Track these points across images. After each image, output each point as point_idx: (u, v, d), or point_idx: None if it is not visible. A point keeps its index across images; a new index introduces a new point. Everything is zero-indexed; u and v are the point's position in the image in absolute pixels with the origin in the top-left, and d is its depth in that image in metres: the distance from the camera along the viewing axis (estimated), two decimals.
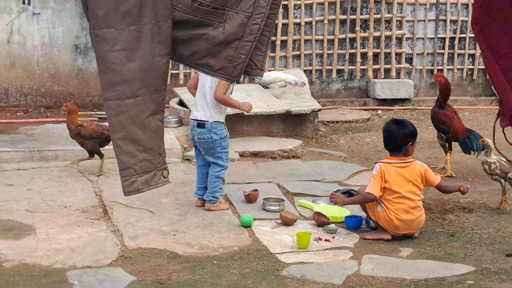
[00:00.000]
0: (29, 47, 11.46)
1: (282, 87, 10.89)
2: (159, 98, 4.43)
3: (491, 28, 4.72)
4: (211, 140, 7.16)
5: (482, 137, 8.36)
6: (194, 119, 7.22)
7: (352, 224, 6.99)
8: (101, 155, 8.15)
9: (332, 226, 6.93)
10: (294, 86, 10.79)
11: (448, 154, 8.84)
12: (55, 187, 7.83)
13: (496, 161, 7.80)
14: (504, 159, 7.54)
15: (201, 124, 7.17)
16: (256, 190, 7.58)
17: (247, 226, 6.94)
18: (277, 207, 7.32)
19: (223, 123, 7.26)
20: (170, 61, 4.50)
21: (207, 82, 7.11)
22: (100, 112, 10.57)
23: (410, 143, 6.72)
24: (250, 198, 7.49)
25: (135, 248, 6.42)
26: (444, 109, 8.86)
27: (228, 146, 7.33)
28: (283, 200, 7.49)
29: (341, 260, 6.30)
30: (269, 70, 11.71)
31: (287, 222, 7.01)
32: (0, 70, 11.43)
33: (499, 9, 4.65)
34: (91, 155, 8.26)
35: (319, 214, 7.08)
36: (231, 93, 7.29)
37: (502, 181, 7.62)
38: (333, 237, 6.76)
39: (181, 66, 11.51)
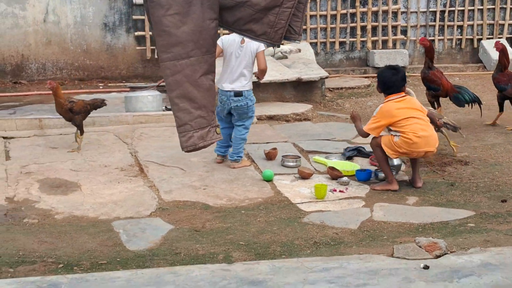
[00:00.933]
0: (63, 25, 11.43)
1: (281, 58, 10.87)
2: (210, 58, 4.39)
3: None
4: (246, 106, 7.27)
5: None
6: (230, 90, 7.27)
7: (363, 176, 7.02)
8: (82, 131, 7.94)
9: (345, 179, 6.96)
10: (290, 54, 10.81)
11: (439, 108, 8.88)
12: (94, 149, 7.85)
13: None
14: (431, 109, 7.95)
15: (238, 93, 7.26)
16: (275, 149, 7.60)
17: (268, 180, 6.98)
18: (295, 163, 7.35)
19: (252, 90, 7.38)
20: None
21: (241, 56, 7.23)
22: (130, 84, 10.55)
23: (405, 85, 6.88)
24: (270, 156, 7.52)
25: (170, 201, 6.46)
26: (432, 69, 8.91)
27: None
28: (299, 157, 7.51)
29: (355, 208, 6.34)
30: None
31: (304, 176, 7.05)
32: (37, 47, 11.41)
33: None
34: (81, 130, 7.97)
35: (332, 168, 7.11)
36: (273, 55, 7.34)
37: (443, 130, 7.76)
38: (346, 189, 6.80)
39: None
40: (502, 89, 8.96)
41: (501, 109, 9.03)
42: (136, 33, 11.56)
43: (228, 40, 7.29)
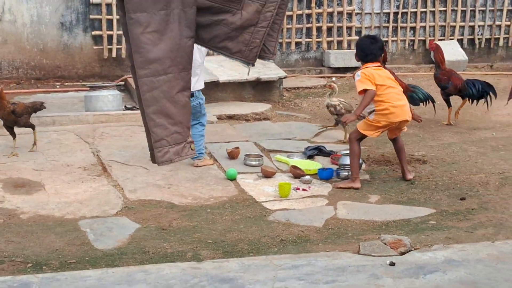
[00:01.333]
0: (19, 25, 11.29)
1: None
2: (186, 76, 4.46)
3: None
4: (199, 105, 7.22)
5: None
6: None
7: (325, 175, 7.09)
8: (33, 127, 7.79)
9: (307, 177, 7.03)
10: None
11: None
12: (56, 149, 7.80)
13: (339, 103, 8.38)
14: (343, 100, 8.52)
15: (191, 94, 7.19)
16: (237, 148, 7.63)
17: (232, 179, 7.01)
18: (257, 162, 7.39)
19: None
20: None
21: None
22: (91, 83, 10.47)
23: (382, 54, 7.07)
24: (232, 155, 7.55)
25: (135, 200, 6.45)
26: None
27: None
28: (262, 156, 7.56)
29: (318, 206, 6.41)
30: None
31: (267, 175, 7.09)
32: None
33: None
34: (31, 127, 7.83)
35: (295, 167, 7.17)
36: (248, 74, 7.44)
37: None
38: (309, 187, 6.86)
39: None
40: (444, 87, 9.20)
41: (449, 104, 9.29)
42: (93, 33, 11.47)
43: None
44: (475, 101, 9.28)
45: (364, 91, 6.71)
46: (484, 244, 5.38)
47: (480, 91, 9.12)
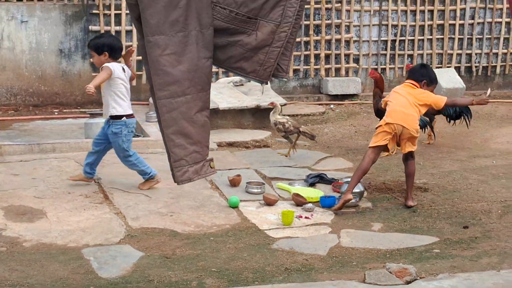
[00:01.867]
0: (18, 51, 11.33)
1: (237, 86, 10.98)
2: (205, 96, 4.48)
3: None
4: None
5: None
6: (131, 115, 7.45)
7: (327, 203, 7.09)
8: None
9: (310, 205, 7.02)
10: (240, 84, 10.91)
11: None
12: (57, 176, 7.78)
13: (287, 121, 8.61)
14: (289, 118, 8.78)
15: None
16: (238, 175, 7.63)
17: (234, 206, 7.00)
18: (259, 190, 7.39)
19: None
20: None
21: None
22: (90, 110, 10.48)
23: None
24: (234, 182, 7.55)
25: (138, 228, 6.44)
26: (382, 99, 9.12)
27: None
28: (263, 184, 7.56)
29: (322, 234, 6.40)
30: None
31: (269, 203, 7.09)
32: None
33: None
34: None
35: (297, 195, 7.17)
36: (262, 93, 7.46)
37: (296, 135, 8.60)
38: (312, 215, 6.86)
39: None
40: None
41: (430, 125, 9.37)
42: (91, 60, 11.48)
43: (118, 66, 7.35)
44: (452, 121, 9.42)
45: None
46: (490, 273, 5.38)
47: (457, 111, 9.18)
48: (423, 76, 7.22)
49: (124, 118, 7.29)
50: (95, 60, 7.43)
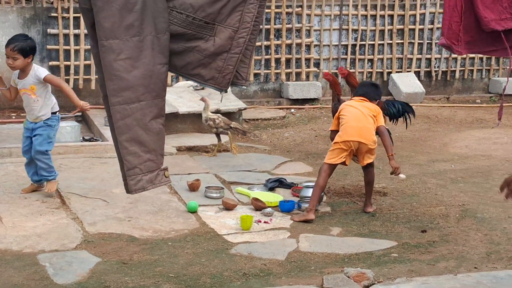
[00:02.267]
0: None
1: (198, 90, 10.96)
2: (160, 103, 4.41)
3: None
4: None
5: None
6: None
7: (286, 207, 7.08)
8: None
9: (269, 210, 7.01)
10: (200, 88, 10.90)
11: None
12: (13, 181, 7.68)
13: (218, 117, 8.82)
14: (221, 116, 8.91)
15: None
16: (198, 180, 7.60)
17: (193, 211, 6.96)
18: (218, 194, 7.36)
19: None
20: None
21: None
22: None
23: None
24: (193, 187, 7.51)
25: (95, 233, 6.37)
26: (341, 102, 9.10)
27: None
28: (222, 188, 7.53)
29: (281, 239, 6.39)
30: None
31: (228, 207, 7.06)
32: None
33: None
34: None
35: (256, 199, 7.15)
36: (221, 101, 7.39)
37: (229, 132, 8.76)
38: (271, 220, 6.85)
39: None
40: None
41: None
42: (50, 63, 11.39)
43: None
44: (395, 120, 9.29)
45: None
46: (447, 277, 5.42)
47: (400, 111, 9.19)
48: (378, 95, 7.24)
49: (58, 113, 7.28)
50: (18, 64, 7.04)
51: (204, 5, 4.34)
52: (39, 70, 7.19)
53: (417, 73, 13.14)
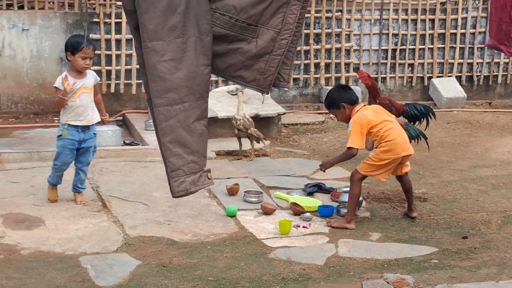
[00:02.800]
0: (19, 60, 11.34)
1: (235, 95, 11.02)
2: (203, 104, 4.43)
3: None
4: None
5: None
6: None
7: (325, 212, 7.08)
8: None
9: (308, 214, 7.02)
10: (235, 93, 10.96)
11: None
12: None
13: (240, 118, 8.81)
14: (247, 117, 8.84)
15: None
16: (237, 184, 7.64)
17: (232, 215, 7.00)
18: (257, 199, 7.38)
19: (64, 124, 7.16)
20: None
21: None
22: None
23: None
24: (232, 191, 7.55)
25: (136, 236, 6.44)
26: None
27: (60, 147, 7.20)
28: (261, 193, 7.55)
29: (320, 244, 6.40)
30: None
31: (267, 212, 7.08)
32: None
33: None
34: None
35: (295, 204, 7.16)
36: (262, 103, 7.33)
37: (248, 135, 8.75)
38: (310, 224, 6.85)
39: None
40: (389, 110, 9.06)
41: None
42: (92, 68, 11.49)
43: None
44: (416, 121, 9.22)
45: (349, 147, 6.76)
46: (488, 284, 5.39)
47: (422, 112, 9.14)
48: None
49: None
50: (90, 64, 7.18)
51: (247, 6, 4.36)
52: (93, 72, 7.29)
53: (459, 78, 13.05)
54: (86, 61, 7.00)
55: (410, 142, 8.95)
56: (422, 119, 9.21)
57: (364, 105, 6.86)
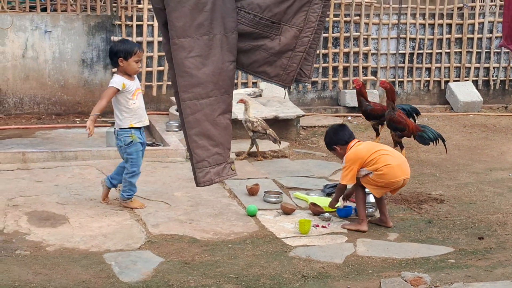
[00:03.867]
0: (41, 61, 11.52)
1: (256, 96, 11.19)
2: (228, 99, 4.57)
3: None
4: (118, 146, 7.15)
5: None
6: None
7: (344, 213, 7.17)
8: None
9: (326, 214, 7.12)
10: (253, 96, 11.11)
11: (403, 150, 9.25)
12: (79, 183, 7.92)
13: (257, 120, 8.92)
14: (260, 119, 8.98)
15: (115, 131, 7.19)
16: (257, 185, 7.74)
17: (252, 215, 7.11)
18: (277, 199, 7.49)
19: (129, 129, 7.10)
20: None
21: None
22: (111, 119, 10.64)
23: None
24: (252, 191, 7.66)
25: (158, 234, 6.55)
26: (395, 111, 9.22)
27: (134, 152, 7.10)
28: (281, 193, 7.66)
29: (338, 243, 6.49)
30: (252, 82, 12.06)
31: (287, 212, 7.19)
32: (15, 81, 11.47)
33: None
34: None
35: (314, 204, 7.26)
36: (284, 97, 7.29)
37: (256, 140, 8.95)
38: (328, 224, 6.95)
39: None
40: (402, 129, 9.24)
41: (402, 146, 9.37)
42: (113, 69, 11.66)
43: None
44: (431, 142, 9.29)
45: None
46: (504, 283, 5.45)
47: (436, 135, 9.24)
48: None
49: None
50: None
51: (271, 5, 4.50)
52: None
53: (475, 82, 13.12)
54: (139, 64, 7.12)
55: (428, 144, 9.14)
56: (433, 143, 9.29)
57: (358, 141, 6.91)
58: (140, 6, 11.72)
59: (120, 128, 7.12)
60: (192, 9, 4.40)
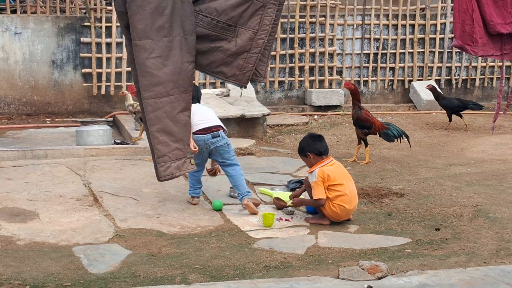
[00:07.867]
0: (12, 62, 11.65)
1: (224, 96, 11.40)
2: (187, 97, 4.81)
3: None
4: (227, 145, 7.25)
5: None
6: (208, 132, 7.04)
7: (312, 208, 7.34)
8: None
9: (290, 208, 7.32)
10: (221, 96, 11.33)
11: (368, 147, 9.47)
12: (49, 180, 8.07)
13: (135, 104, 9.25)
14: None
15: (216, 134, 7.13)
16: (215, 163, 7.69)
17: (218, 209, 7.29)
18: None
19: None
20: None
21: None
22: (81, 119, 10.84)
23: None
24: (213, 172, 7.74)
25: (126, 229, 6.72)
26: (362, 110, 9.46)
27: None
28: None
29: (300, 235, 6.70)
30: (220, 82, 12.23)
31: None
32: None
33: None
34: None
35: (278, 199, 7.46)
36: (240, 96, 7.45)
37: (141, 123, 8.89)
38: (292, 218, 7.15)
39: None
40: (369, 127, 9.45)
41: (367, 144, 9.56)
42: (83, 70, 11.82)
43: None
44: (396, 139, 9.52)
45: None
46: (457, 270, 5.68)
47: (400, 132, 9.46)
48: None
49: None
50: None
51: (227, 9, 4.75)
52: None
53: (438, 81, 13.42)
54: None
55: (393, 141, 9.39)
56: (397, 140, 9.52)
57: (331, 160, 7.07)
58: (109, 8, 11.87)
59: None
60: (152, 12, 4.63)
